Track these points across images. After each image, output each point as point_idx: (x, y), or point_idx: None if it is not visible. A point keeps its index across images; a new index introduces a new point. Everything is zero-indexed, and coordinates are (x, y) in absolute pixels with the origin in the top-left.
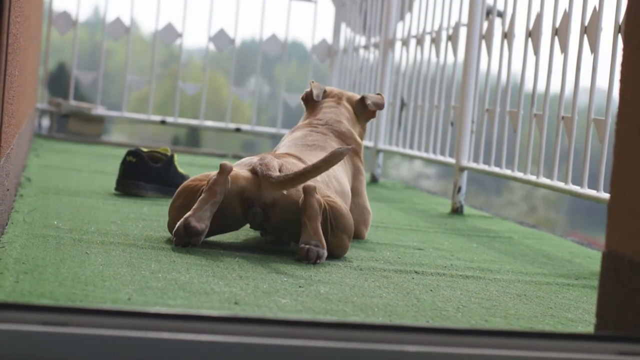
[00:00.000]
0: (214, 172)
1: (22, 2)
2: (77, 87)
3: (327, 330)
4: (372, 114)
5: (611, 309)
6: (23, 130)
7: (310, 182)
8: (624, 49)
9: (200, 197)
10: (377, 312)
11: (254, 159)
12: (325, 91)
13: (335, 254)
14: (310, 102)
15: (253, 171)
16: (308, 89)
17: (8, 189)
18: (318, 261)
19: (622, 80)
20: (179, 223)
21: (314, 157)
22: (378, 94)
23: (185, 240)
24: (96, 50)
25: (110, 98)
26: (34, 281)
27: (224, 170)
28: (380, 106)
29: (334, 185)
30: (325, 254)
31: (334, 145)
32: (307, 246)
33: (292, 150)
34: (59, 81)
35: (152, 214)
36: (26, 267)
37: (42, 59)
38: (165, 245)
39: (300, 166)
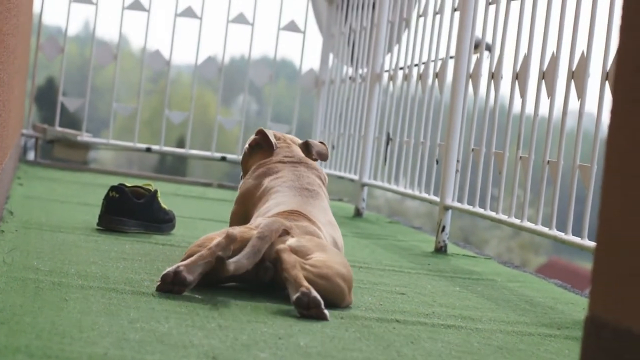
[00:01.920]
0: (244, 233)
1: (5, 37)
2: (62, 108)
3: None
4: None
5: None
6: (7, 162)
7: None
8: (613, 97)
9: (200, 252)
10: None
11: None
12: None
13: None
14: (263, 150)
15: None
16: (253, 137)
17: None
18: (321, 309)
19: (609, 134)
20: (169, 269)
21: (316, 212)
22: (321, 142)
23: (169, 287)
24: (85, 66)
25: (98, 113)
26: (10, 333)
27: (228, 237)
28: (324, 157)
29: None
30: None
31: (320, 183)
32: (301, 295)
33: (295, 201)
34: (48, 97)
35: (134, 253)
36: (3, 317)
37: (30, 74)
38: (146, 289)
39: (311, 229)
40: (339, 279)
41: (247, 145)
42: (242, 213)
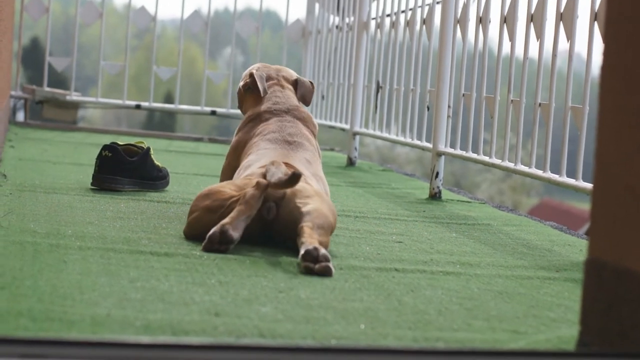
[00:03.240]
0: (247, 184)
1: None
2: (49, 68)
3: (310, 355)
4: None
5: (595, 317)
6: None
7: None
8: (605, 39)
9: (238, 207)
10: (359, 319)
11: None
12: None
13: None
14: (254, 93)
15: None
16: (243, 81)
17: None
18: (327, 263)
19: (602, 76)
20: (215, 229)
21: (297, 164)
22: (310, 82)
23: (216, 246)
24: (69, 25)
25: (85, 70)
26: (11, 297)
27: (260, 186)
28: (307, 103)
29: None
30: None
31: (306, 133)
32: (313, 249)
33: (274, 154)
34: (33, 57)
35: (130, 211)
36: (3, 281)
37: (16, 35)
38: (144, 248)
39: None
40: (329, 232)
41: (240, 84)
42: (232, 166)
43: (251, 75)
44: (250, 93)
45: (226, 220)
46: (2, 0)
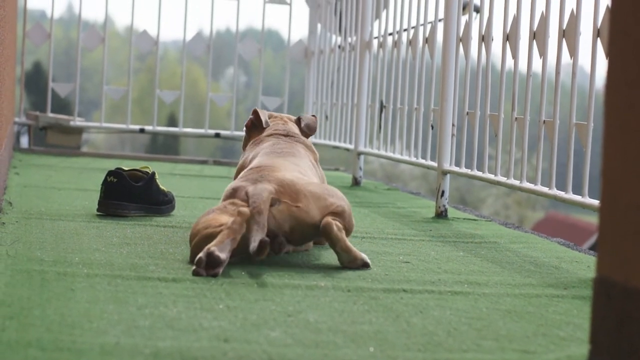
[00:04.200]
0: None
1: None
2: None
3: None
4: (306, 135)
5: (605, 336)
6: (2, 152)
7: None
8: (608, 54)
9: (223, 231)
10: (368, 342)
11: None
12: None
13: None
14: (259, 128)
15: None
16: (249, 118)
17: None
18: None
19: (606, 93)
20: (200, 254)
21: (287, 163)
22: (313, 115)
23: (203, 271)
24: (71, 49)
25: (87, 94)
26: (20, 327)
27: (242, 214)
28: (312, 130)
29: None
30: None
31: (300, 150)
32: (355, 266)
33: (264, 160)
34: (35, 81)
35: (136, 237)
36: (12, 311)
37: (18, 61)
38: (151, 274)
39: (284, 176)
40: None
41: (244, 127)
42: None
43: (254, 112)
44: (254, 129)
45: (212, 243)
46: (5, 28)
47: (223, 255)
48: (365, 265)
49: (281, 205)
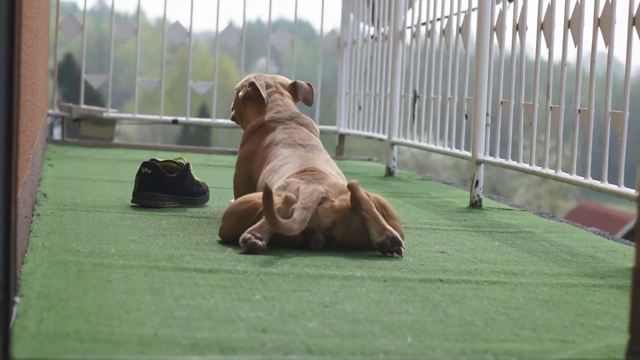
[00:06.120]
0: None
1: (29, 21)
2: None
3: None
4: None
5: None
6: (37, 144)
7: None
8: None
9: (262, 219)
10: (406, 332)
11: (299, 188)
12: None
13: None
14: (257, 99)
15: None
16: (243, 91)
17: (26, 216)
18: (403, 247)
19: None
20: (244, 234)
21: (322, 165)
22: (308, 84)
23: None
24: (102, 40)
25: (119, 86)
26: (58, 319)
27: (287, 200)
28: (309, 102)
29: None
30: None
31: (314, 136)
32: (386, 239)
33: (298, 157)
34: (67, 73)
35: (171, 228)
36: (49, 302)
37: (51, 53)
38: (187, 265)
39: (338, 183)
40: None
41: (240, 94)
42: (245, 176)
43: (251, 84)
44: (250, 102)
45: (253, 227)
46: (39, 20)
47: (261, 243)
48: (395, 242)
49: (327, 203)
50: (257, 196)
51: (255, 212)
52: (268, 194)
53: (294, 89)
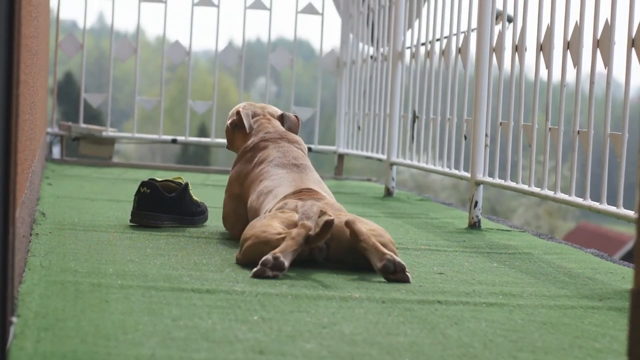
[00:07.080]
0: (290, 220)
1: (28, 41)
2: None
3: None
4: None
5: None
6: (35, 163)
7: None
8: None
9: (286, 242)
10: (404, 354)
11: (297, 205)
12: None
13: None
14: (242, 129)
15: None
16: (230, 119)
17: (24, 235)
18: (407, 273)
19: None
20: (267, 255)
21: (315, 185)
22: (296, 116)
23: (268, 272)
24: (102, 59)
25: (118, 104)
26: (55, 339)
27: (305, 227)
28: (294, 132)
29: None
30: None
31: (304, 155)
32: (387, 262)
33: (291, 178)
34: (67, 92)
35: (170, 248)
36: (46, 323)
37: (51, 72)
38: (185, 285)
39: (334, 203)
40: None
41: (228, 123)
42: (236, 196)
43: (237, 113)
44: (238, 130)
45: (277, 249)
46: (39, 39)
47: (287, 263)
48: (399, 267)
49: (325, 216)
50: (271, 220)
51: (272, 239)
52: (329, 225)
53: (282, 119)
